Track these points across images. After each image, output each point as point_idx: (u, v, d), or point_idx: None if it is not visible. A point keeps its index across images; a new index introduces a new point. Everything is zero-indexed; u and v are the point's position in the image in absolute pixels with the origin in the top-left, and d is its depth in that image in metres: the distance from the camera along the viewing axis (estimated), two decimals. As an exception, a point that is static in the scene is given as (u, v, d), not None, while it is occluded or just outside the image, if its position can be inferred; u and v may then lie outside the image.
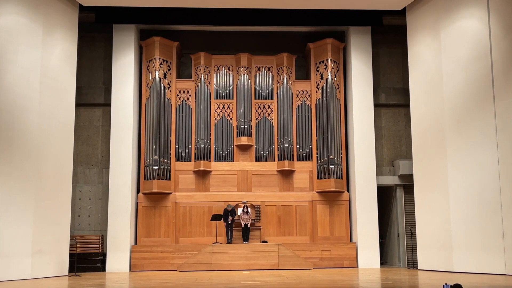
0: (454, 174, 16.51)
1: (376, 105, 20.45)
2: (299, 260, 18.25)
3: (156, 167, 19.19)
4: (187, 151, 19.97)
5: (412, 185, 18.55)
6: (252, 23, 20.22)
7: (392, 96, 20.78)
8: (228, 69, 20.63)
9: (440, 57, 17.24)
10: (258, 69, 20.69)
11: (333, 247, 19.26)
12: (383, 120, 20.72)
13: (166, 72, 20.06)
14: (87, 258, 18.61)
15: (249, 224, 19.03)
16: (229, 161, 20.12)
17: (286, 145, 19.92)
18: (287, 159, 19.89)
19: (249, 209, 19.12)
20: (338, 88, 20.29)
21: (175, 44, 20.28)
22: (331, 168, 19.54)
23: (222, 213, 19.09)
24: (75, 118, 18.14)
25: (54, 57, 16.98)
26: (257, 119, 20.37)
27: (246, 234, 18.94)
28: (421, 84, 18.02)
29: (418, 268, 17.86)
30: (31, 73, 16.18)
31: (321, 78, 20.32)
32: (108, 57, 20.21)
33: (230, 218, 18.79)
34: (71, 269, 17.36)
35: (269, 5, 18.53)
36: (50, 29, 16.88)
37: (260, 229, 19.59)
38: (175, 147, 19.93)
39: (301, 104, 20.49)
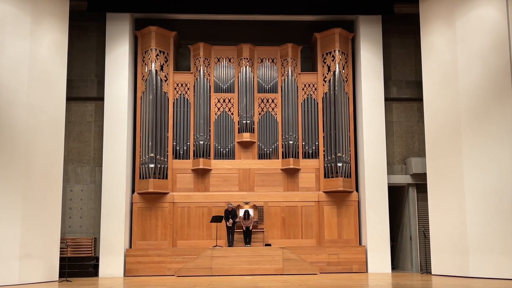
0: (470, 172, 16.45)
1: (387, 99, 20.37)
2: (305, 265, 18.22)
3: (152, 165, 19.15)
4: (185, 148, 19.93)
5: (426, 184, 18.49)
6: (255, 12, 20.15)
7: (404, 90, 20.70)
8: (229, 60, 20.58)
9: (455, 48, 17.19)
10: (261, 60, 20.63)
11: (341, 251, 19.20)
12: (395, 115, 20.66)
13: (163, 64, 20.01)
14: (78, 263, 18.57)
15: (250, 227, 18.98)
16: (230, 159, 20.08)
17: (291, 142, 19.87)
18: (292, 157, 19.84)
19: (251, 214, 19.02)
20: (346, 81, 20.23)
21: (173, 34, 20.23)
22: (339, 166, 19.49)
23: (222, 214, 19.04)
24: (65, 113, 18.05)
25: (43, 48, 16.93)
26: (260, 114, 20.32)
27: (248, 237, 18.90)
28: (435, 76, 17.96)
29: (432, 273, 17.81)
30: (19, 65, 16.13)
31: (328, 70, 20.26)
32: (101, 48, 20.15)
33: (230, 221, 18.73)
34: (61, 274, 17.32)
35: (273, -8, 18.51)
36: (39, 18, 16.82)
37: (263, 231, 19.55)
38: (173, 144, 19.89)
39: (307, 98, 20.44)
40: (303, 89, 20.49)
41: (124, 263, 18.73)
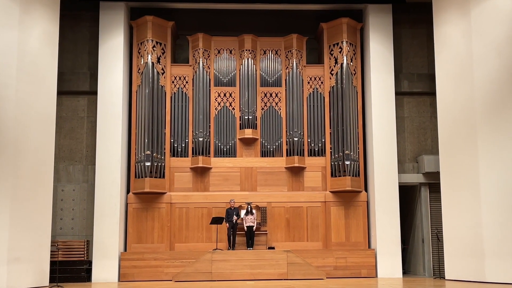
0: (486, 171, 16.38)
1: (398, 93, 20.35)
2: (310, 269, 18.19)
3: (148, 164, 19.12)
4: (183, 145, 19.90)
5: (439, 183, 18.43)
6: (258, 0, 20.12)
7: (416, 83, 20.66)
8: (230, 52, 20.54)
9: (470, 39, 17.10)
10: (264, 52, 20.59)
11: (349, 254, 19.18)
12: (406, 110, 20.63)
13: (160, 56, 19.98)
14: (70, 267, 18.58)
15: (254, 227, 18.94)
16: (231, 156, 20.05)
17: (295, 139, 19.83)
18: (297, 155, 19.80)
19: (253, 209, 19.04)
20: (354, 74, 20.18)
21: (170, 24, 20.19)
22: (347, 164, 19.45)
23: (223, 215, 18.99)
24: (56, 108, 17.98)
25: (32, 38, 16.85)
26: (263, 109, 20.28)
27: (250, 239, 18.86)
28: (449, 69, 17.89)
29: (446, 278, 17.77)
30: (7, 57, 16.02)
31: (336, 62, 20.21)
32: (94, 39, 20.11)
33: (235, 218, 18.68)
34: (52, 279, 17.29)
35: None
36: (28, 7, 16.74)
37: (266, 233, 19.53)
38: (170, 141, 19.86)
39: (313, 92, 20.40)
40: (308, 82, 20.45)
41: (119, 267, 18.71)
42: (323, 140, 20.08)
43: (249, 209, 18.93)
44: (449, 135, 17.80)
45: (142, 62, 19.79)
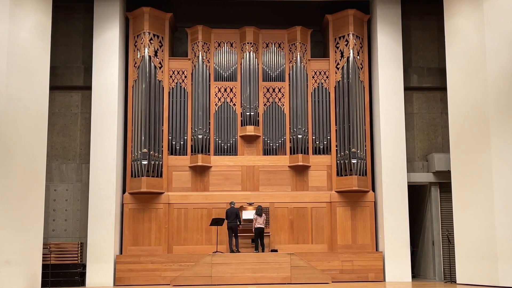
0: (499, 170, 16.35)
1: (407, 88, 20.31)
2: (315, 273, 18.14)
3: (145, 162, 19.09)
4: (182, 143, 19.87)
5: (450, 183, 18.40)
6: (260, -9, 20.18)
7: (426, 78, 20.63)
8: (231, 45, 20.51)
9: (483, 31, 17.07)
10: (267, 45, 20.55)
11: (355, 257, 19.15)
12: (415, 106, 20.59)
13: (157, 49, 19.94)
14: (63, 270, 18.53)
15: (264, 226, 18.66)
16: (232, 154, 20.02)
17: (299, 136, 19.80)
18: (301, 153, 19.77)
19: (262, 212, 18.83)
20: (361, 68, 20.14)
21: (168, 15, 20.15)
22: (353, 163, 19.41)
23: (223, 217, 18.90)
24: (49, 103, 17.99)
25: (24, 31, 16.83)
26: (265, 105, 20.25)
27: (261, 241, 18.48)
28: (461, 63, 17.86)
29: (457, 282, 17.75)
30: (-3, 51, 16.11)
31: (342, 56, 20.17)
32: (88, 32, 20.09)
33: (239, 225, 18.63)
34: (44, 283, 17.30)
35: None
36: (19, -2, 16.80)
37: (269, 235, 19.48)
38: (168, 139, 19.83)
39: (318, 87, 20.36)
40: (313, 77, 20.41)
41: (114, 271, 18.68)
42: (329, 137, 20.05)
43: (260, 211, 18.67)
44: (460, 132, 17.76)
45: (138, 55, 19.75)
